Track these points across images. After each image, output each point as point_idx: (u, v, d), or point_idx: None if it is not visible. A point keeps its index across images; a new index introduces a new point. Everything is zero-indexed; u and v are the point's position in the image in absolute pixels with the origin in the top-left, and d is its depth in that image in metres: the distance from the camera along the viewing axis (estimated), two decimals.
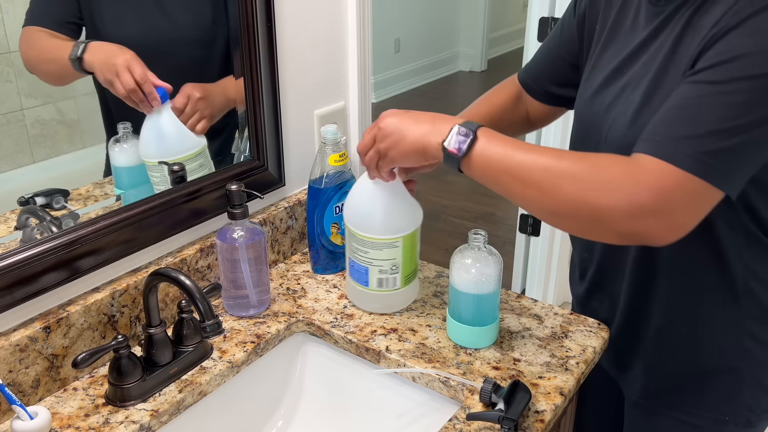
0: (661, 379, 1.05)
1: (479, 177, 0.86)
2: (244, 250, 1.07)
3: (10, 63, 0.89)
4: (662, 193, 0.75)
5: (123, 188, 1.06)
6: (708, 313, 0.98)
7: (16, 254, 0.89)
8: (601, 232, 0.81)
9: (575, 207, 0.78)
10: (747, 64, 0.74)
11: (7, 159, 0.92)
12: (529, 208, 0.84)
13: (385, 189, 1.03)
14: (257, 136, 1.19)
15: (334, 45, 1.33)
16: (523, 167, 0.81)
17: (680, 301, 0.98)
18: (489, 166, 0.84)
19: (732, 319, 0.97)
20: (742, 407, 1.01)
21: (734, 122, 0.74)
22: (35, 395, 0.93)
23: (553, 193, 0.79)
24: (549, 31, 2.42)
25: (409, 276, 1.10)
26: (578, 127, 1.04)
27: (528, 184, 0.81)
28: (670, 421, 1.05)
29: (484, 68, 6.51)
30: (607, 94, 0.95)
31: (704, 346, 1.00)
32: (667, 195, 0.75)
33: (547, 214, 0.84)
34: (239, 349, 1.04)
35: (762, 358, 0.99)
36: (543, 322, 1.11)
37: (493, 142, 0.84)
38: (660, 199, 0.75)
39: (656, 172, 0.75)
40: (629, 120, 0.89)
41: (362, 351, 1.06)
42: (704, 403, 1.02)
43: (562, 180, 0.79)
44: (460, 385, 0.97)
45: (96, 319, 0.98)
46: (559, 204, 0.80)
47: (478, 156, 0.84)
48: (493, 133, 0.86)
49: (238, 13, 1.11)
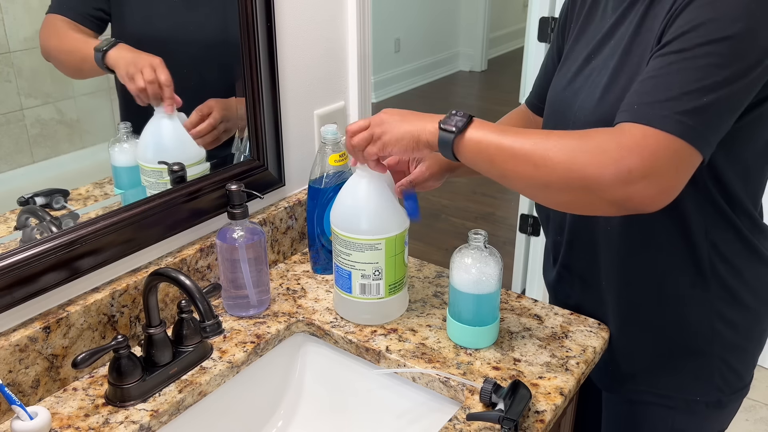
0: (631, 362, 1.07)
1: (472, 157, 0.88)
2: (244, 250, 1.07)
3: (10, 63, 0.89)
4: (647, 154, 0.77)
5: (123, 188, 1.06)
6: (677, 294, 0.99)
7: (16, 254, 0.89)
8: (594, 202, 0.82)
9: (566, 177, 0.80)
10: (708, 30, 0.78)
11: (7, 159, 0.92)
12: (521, 184, 0.87)
13: (370, 190, 1.03)
14: (257, 136, 1.19)
15: (334, 45, 1.33)
16: (515, 144, 0.84)
17: (649, 281, 1.00)
18: (481, 146, 0.87)
19: (701, 301, 0.99)
20: (713, 388, 1.03)
21: (702, 83, 0.78)
22: (35, 395, 0.93)
23: (544, 164, 0.81)
24: (549, 31, 2.42)
25: (394, 286, 1.08)
26: (548, 116, 1.07)
27: (520, 159, 0.83)
28: (644, 405, 1.07)
29: (484, 68, 6.51)
30: (577, 81, 1.00)
31: (674, 327, 1.01)
32: (652, 157, 0.77)
33: (540, 188, 0.85)
34: (239, 349, 1.04)
35: (731, 341, 1.01)
36: (543, 322, 1.11)
37: (486, 124, 0.88)
38: (646, 162, 0.77)
39: (639, 136, 0.78)
40: (596, 99, 0.93)
41: (362, 351, 1.06)
42: (675, 385, 1.04)
43: (552, 151, 0.81)
44: (460, 385, 0.97)
45: (96, 319, 0.98)
46: (550, 175, 0.82)
47: (471, 137, 0.87)
48: (485, 121, 0.89)
49: (238, 13, 1.11)
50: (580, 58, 1.01)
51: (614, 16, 0.95)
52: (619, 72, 0.91)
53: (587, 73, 0.98)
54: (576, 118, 0.97)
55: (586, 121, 0.94)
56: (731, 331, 1.00)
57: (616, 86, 0.91)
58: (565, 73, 1.04)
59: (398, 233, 1.04)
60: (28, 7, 0.92)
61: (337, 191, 1.10)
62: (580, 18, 1.04)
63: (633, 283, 1.02)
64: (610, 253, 1.01)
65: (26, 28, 0.91)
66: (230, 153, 1.21)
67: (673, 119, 0.77)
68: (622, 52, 0.91)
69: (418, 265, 1.28)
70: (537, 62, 2.49)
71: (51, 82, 0.96)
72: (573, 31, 1.06)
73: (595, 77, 0.96)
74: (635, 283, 1.01)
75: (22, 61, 0.91)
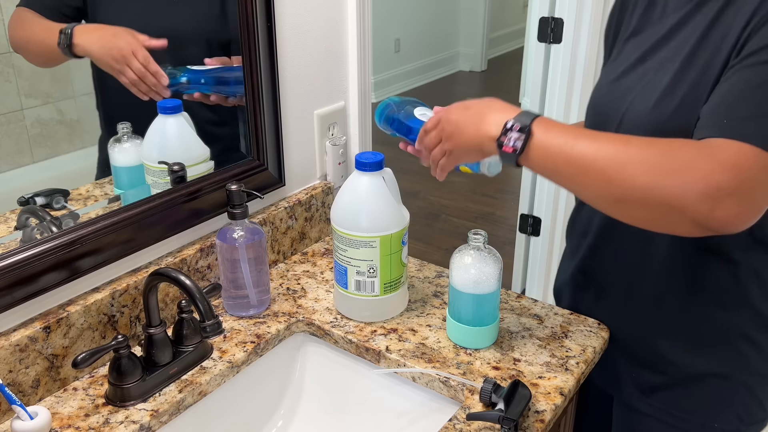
0: (650, 378, 1.04)
1: (538, 170, 0.83)
2: (244, 250, 1.07)
3: (10, 63, 0.89)
4: (740, 171, 0.71)
5: (123, 188, 1.06)
6: (706, 314, 0.96)
7: (16, 254, 0.89)
8: (674, 220, 0.75)
9: (645, 193, 0.74)
10: None
11: (7, 159, 0.92)
12: (592, 197, 0.81)
13: (369, 189, 1.04)
14: (257, 136, 1.19)
15: (334, 45, 1.33)
16: (586, 156, 0.77)
17: (679, 300, 0.97)
18: (549, 159, 0.81)
19: (731, 323, 0.96)
20: (732, 416, 0.99)
21: None
22: (35, 395, 0.93)
23: (622, 179, 0.75)
24: (549, 31, 2.42)
25: (389, 285, 1.08)
26: (592, 116, 1.02)
27: (592, 173, 0.77)
28: (658, 423, 1.04)
29: (484, 68, 6.51)
30: (626, 80, 0.93)
31: (698, 347, 0.98)
32: (744, 173, 0.71)
33: (613, 203, 0.79)
34: (239, 349, 1.04)
35: (757, 367, 0.98)
36: (543, 322, 1.11)
37: (551, 133, 0.81)
38: (738, 178, 0.71)
39: (732, 151, 0.72)
40: (653, 102, 0.87)
41: (362, 351, 1.06)
42: (693, 407, 1.01)
43: (632, 166, 0.74)
44: (460, 385, 0.97)
45: (96, 319, 0.98)
46: (627, 191, 0.75)
47: (537, 150, 0.81)
48: (549, 123, 0.82)
49: (238, 13, 1.11)
50: (632, 57, 0.94)
51: (677, 17, 0.89)
52: (682, 76, 0.85)
53: (640, 73, 0.92)
54: (625, 120, 0.91)
55: (637, 124, 0.88)
56: (758, 355, 0.97)
57: (678, 91, 0.85)
58: (611, 72, 0.98)
59: (394, 232, 1.05)
60: None
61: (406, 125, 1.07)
62: (634, 17, 0.99)
63: (661, 298, 0.98)
64: (640, 265, 0.97)
65: None
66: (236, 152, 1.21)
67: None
68: (687, 56, 0.85)
69: (418, 265, 1.28)
70: (537, 62, 2.49)
71: (51, 82, 0.96)
72: (625, 31, 1.00)
73: (651, 78, 0.90)
74: (664, 298, 0.98)
75: (22, 61, 0.91)
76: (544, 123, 0.82)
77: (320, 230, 1.37)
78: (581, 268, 1.10)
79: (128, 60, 1.00)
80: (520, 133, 0.81)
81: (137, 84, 1.02)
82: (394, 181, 1.07)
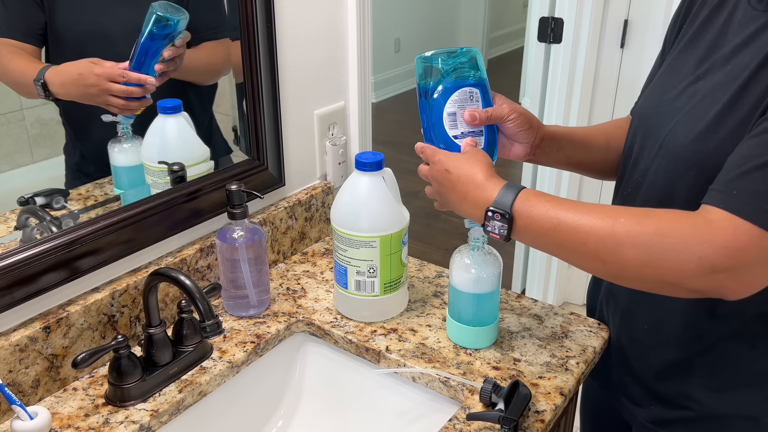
0: (671, 413, 0.98)
1: (532, 246, 0.83)
2: (244, 250, 1.07)
3: None
4: (735, 251, 0.69)
5: (123, 188, 1.06)
6: (736, 355, 0.90)
7: (16, 254, 0.89)
8: (672, 291, 0.75)
9: (640, 273, 0.73)
10: None
11: (7, 159, 0.92)
12: (590, 271, 0.81)
13: (369, 189, 1.04)
14: (257, 136, 1.19)
15: (334, 45, 1.33)
16: (575, 239, 0.75)
17: (704, 334, 0.91)
18: (537, 240, 0.80)
19: (759, 364, 0.90)
20: None
21: None
22: (35, 395, 0.93)
23: (614, 261, 0.74)
24: (549, 31, 2.42)
25: (389, 284, 1.08)
26: (636, 129, 0.96)
27: (584, 255, 0.76)
28: None
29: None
30: (680, 100, 0.86)
31: (725, 387, 0.92)
32: (739, 253, 0.69)
33: (611, 278, 0.80)
34: (239, 349, 1.04)
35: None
36: (543, 322, 1.11)
37: (535, 213, 0.78)
38: (732, 259, 0.69)
39: (730, 231, 0.69)
40: (695, 133, 0.82)
41: (362, 351, 1.06)
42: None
43: (622, 248, 0.73)
44: (460, 385, 0.97)
45: (96, 319, 0.98)
46: (622, 271, 0.75)
47: (523, 234, 0.80)
48: (532, 201, 0.79)
49: (238, 13, 1.11)
50: (689, 75, 0.86)
51: (742, 35, 0.79)
52: (730, 110, 0.78)
53: (690, 93, 0.84)
54: (666, 146, 0.86)
55: (676, 153, 0.83)
56: None
57: (722, 128, 0.78)
58: (666, 86, 0.90)
59: (394, 232, 1.05)
60: None
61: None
62: (696, 20, 0.89)
63: (690, 339, 0.92)
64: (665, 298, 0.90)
65: None
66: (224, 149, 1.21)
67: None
68: (740, 87, 0.77)
69: (418, 265, 1.28)
70: (537, 62, 2.49)
71: None
72: (686, 32, 0.91)
73: (698, 104, 0.82)
74: (693, 339, 0.92)
75: None
76: (526, 203, 0.79)
77: (320, 230, 1.37)
78: (611, 289, 1.06)
79: (107, 89, 0.99)
80: (502, 222, 0.80)
81: (128, 105, 1.01)
82: (394, 181, 1.07)
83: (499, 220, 0.80)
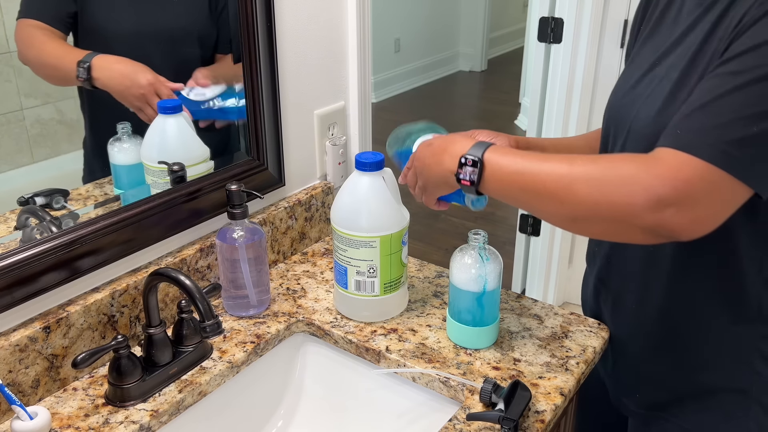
0: (662, 391, 1.01)
1: (499, 197, 0.86)
2: (243, 250, 1.07)
3: (10, 63, 0.89)
4: (681, 183, 0.72)
5: (123, 188, 1.06)
6: (718, 328, 0.94)
7: (16, 254, 0.89)
8: (626, 231, 0.78)
9: (594, 209, 0.77)
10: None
11: (7, 159, 0.92)
12: (550, 219, 0.84)
13: (371, 189, 1.04)
14: (257, 136, 1.19)
15: (334, 45, 1.33)
16: (536, 180, 0.80)
17: (688, 311, 0.95)
18: (504, 187, 0.84)
19: (744, 338, 0.93)
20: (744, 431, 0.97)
21: (755, 109, 0.71)
22: (35, 395, 0.93)
23: (570, 199, 0.78)
24: (549, 31, 2.42)
25: (389, 284, 1.08)
26: (607, 123, 1.01)
27: (544, 196, 0.80)
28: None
29: (484, 68, 6.51)
30: (639, 88, 0.93)
31: (710, 362, 0.96)
32: (685, 186, 0.72)
33: (569, 222, 0.82)
34: (239, 349, 1.04)
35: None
36: (543, 322, 1.11)
37: (503, 162, 0.84)
38: (679, 190, 0.72)
39: (675, 164, 0.73)
40: (655, 110, 0.87)
41: (362, 351, 1.06)
42: (706, 422, 0.98)
43: (577, 185, 0.77)
44: (460, 385, 0.97)
45: (96, 319, 0.98)
46: (577, 209, 0.78)
47: (491, 180, 0.84)
48: (502, 152, 0.85)
49: (238, 13, 1.11)
50: (646, 63, 0.94)
51: (688, 21, 0.87)
52: (682, 84, 0.84)
53: (648, 80, 0.92)
54: (633, 129, 0.91)
55: (643, 133, 0.88)
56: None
57: (677, 101, 0.83)
58: (627, 78, 0.97)
59: (394, 232, 1.05)
60: None
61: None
62: (652, 19, 0.97)
63: (672, 311, 0.96)
64: (653, 276, 0.96)
65: None
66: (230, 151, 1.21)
67: (718, 149, 0.72)
68: (687, 63, 0.84)
69: (418, 265, 1.28)
70: (537, 62, 2.49)
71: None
72: (643, 32, 0.99)
73: (656, 86, 0.89)
74: (675, 310, 0.96)
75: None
76: (495, 153, 0.85)
77: (320, 230, 1.37)
78: (600, 276, 1.08)
79: (149, 99, 1.03)
80: (473, 167, 0.85)
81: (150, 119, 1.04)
82: (394, 181, 1.07)
83: (471, 166, 0.85)
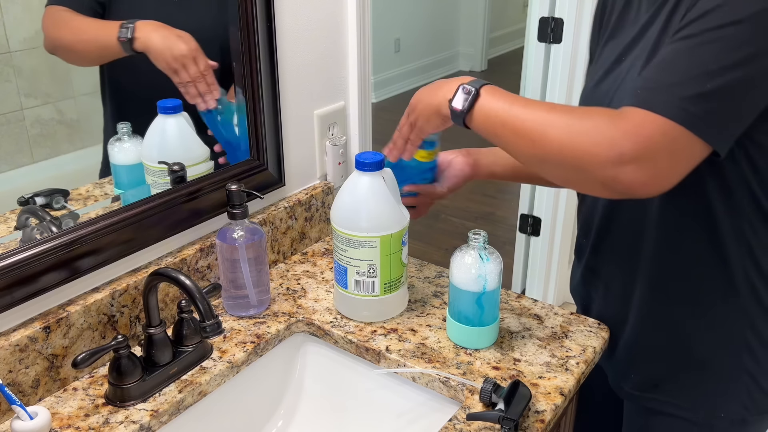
0: (655, 370, 1.04)
1: (481, 131, 0.89)
2: (243, 250, 1.07)
3: (10, 63, 0.89)
4: (642, 139, 0.76)
5: (123, 188, 1.06)
6: (709, 304, 0.96)
7: (16, 254, 0.89)
8: (586, 180, 0.82)
9: (560, 153, 0.81)
10: (716, 16, 0.76)
11: (7, 159, 0.92)
12: (521, 158, 0.88)
13: (371, 189, 1.04)
14: (257, 136, 1.19)
15: (334, 45, 1.33)
16: (518, 119, 0.84)
17: (676, 289, 0.98)
18: (488, 121, 0.87)
19: (734, 314, 0.96)
20: (738, 405, 1.00)
21: (707, 67, 0.76)
22: (35, 395, 0.93)
23: (541, 141, 0.82)
24: (549, 31, 2.41)
25: (389, 284, 1.08)
26: None
27: (521, 134, 0.84)
28: (664, 416, 1.05)
29: (484, 68, 6.51)
30: (605, 84, 0.98)
31: (702, 338, 0.98)
32: (646, 141, 0.76)
33: (538, 162, 0.86)
34: (239, 349, 1.04)
35: (763, 358, 0.98)
36: (543, 322, 1.11)
37: (495, 97, 0.87)
38: (640, 146, 0.76)
39: (637, 120, 0.77)
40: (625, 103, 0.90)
41: (362, 351, 1.06)
42: (700, 398, 1.01)
43: (550, 128, 0.82)
44: (460, 385, 0.97)
45: (96, 319, 0.98)
46: (546, 151, 0.82)
47: (479, 111, 0.88)
48: (497, 89, 0.88)
49: (238, 13, 1.11)
50: (610, 59, 0.98)
51: (646, 16, 0.93)
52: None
53: (616, 74, 0.96)
54: None
55: None
56: (764, 348, 0.97)
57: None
58: (593, 75, 1.02)
59: (394, 232, 1.05)
60: (28, 7, 0.92)
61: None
62: (612, 20, 1.02)
63: (662, 290, 0.99)
64: (640, 258, 0.99)
65: (26, 28, 0.91)
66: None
67: (675, 105, 0.76)
68: (650, 52, 0.89)
69: (418, 265, 1.28)
70: (537, 62, 2.49)
71: (51, 82, 0.96)
72: (604, 33, 1.04)
73: (624, 79, 0.93)
74: (665, 289, 0.99)
75: (22, 61, 0.91)
76: (492, 89, 0.88)
77: (320, 230, 1.37)
78: (588, 266, 1.11)
79: (186, 62, 1.04)
80: (467, 95, 0.88)
81: (188, 86, 1.05)
82: (394, 181, 1.07)
83: (466, 93, 0.88)
